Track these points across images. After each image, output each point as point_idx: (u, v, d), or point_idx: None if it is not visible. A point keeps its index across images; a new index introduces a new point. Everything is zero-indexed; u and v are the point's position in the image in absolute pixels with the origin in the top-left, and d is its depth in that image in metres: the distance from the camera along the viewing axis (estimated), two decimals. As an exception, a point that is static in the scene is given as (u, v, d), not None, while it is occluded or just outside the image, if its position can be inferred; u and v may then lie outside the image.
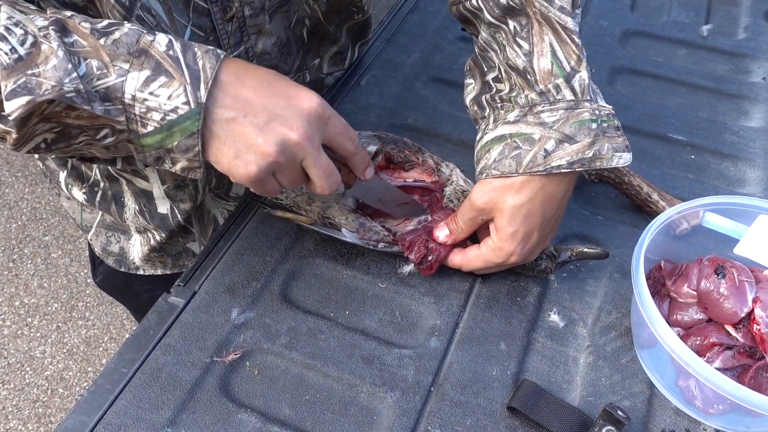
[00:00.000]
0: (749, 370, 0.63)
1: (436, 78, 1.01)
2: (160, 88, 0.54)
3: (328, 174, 0.60)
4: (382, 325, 0.71)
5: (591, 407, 0.65)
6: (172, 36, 0.55)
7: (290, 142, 0.57)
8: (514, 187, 0.65)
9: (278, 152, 0.56)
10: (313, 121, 0.58)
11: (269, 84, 0.57)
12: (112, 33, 0.54)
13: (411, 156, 0.77)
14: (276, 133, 0.56)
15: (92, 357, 1.89)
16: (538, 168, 0.64)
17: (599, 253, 0.72)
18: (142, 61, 0.54)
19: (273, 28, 0.78)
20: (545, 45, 0.65)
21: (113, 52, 0.53)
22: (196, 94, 0.54)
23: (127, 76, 0.53)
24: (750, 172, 0.88)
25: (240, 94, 0.56)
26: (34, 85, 0.51)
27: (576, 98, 0.64)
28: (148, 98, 0.54)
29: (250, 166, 0.57)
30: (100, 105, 0.53)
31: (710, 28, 1.11)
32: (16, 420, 1.75)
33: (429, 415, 0.64)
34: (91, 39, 0.53)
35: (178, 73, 0.54)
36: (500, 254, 0.68)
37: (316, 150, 0.58)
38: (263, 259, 0.75)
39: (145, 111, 0.54)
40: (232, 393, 0.65)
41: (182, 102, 0.54)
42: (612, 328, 0.71)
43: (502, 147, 0.66)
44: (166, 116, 0.54)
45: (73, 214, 0.93)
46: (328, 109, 0.59)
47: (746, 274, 0.66)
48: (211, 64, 0.55)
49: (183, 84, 0.54)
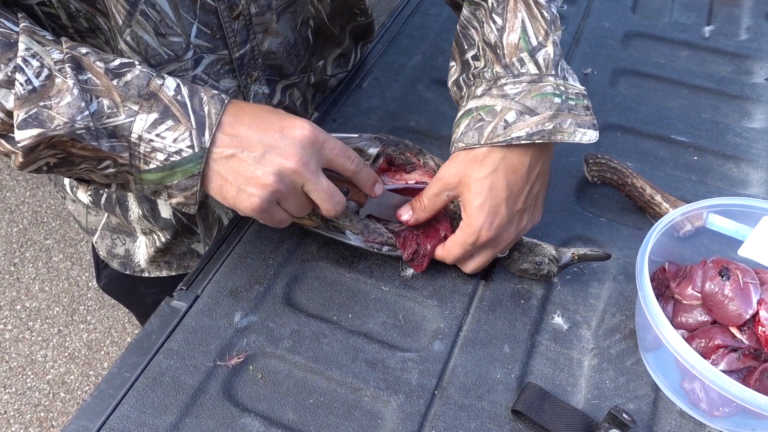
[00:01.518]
0: (754, 372, 0.63)
1: (438, 80, 1.01)
2: (166, 131, 0.57)
3: (330, 196, 0.62)
4: (385, 328, 0.71)
5: (596, 410, 0.64)
6: (180, 80, 0.58)
7: (287, 171, 0.59)
8: (477, 160, 0.66)
9: (277, 181, 0.59)
10: (308, 147, 0.60)
11: (262, 119, 0.60)
12: (124, 75, 0.57)
13: (412, 158, 0.77)
14: (272, 163, 0.58)
15: (94, 361, 1.89)
16: (498, 138, 0.65)
17: (602, 255, 0.72)
18: (151, 104, 0.57)
19: (280, 28, 0.78)
20: (517, 21, 0.66)
21: (124, 93, 0.56)
22: (200, 138, 0.57)
23: (135, 117, 0.56)
24: (753, 174, 0.88)
25: (237, 132, 0.59)
26: (45, 117, 0.54)
27: (540, 72, 0.65)
28: (154, 139, 0.57)
29: (253, 199, 0.59)
30: (107, 141, 0.56)
31: (712, 29, 1.11)
32: (18, 424, 1.75)
33: (433, 418, 0.64)
34: (105, 79, 0.56)
35: (185, 118, 0.57)
36: (471, 231, 0.67)
37: (314, 174, 0.60)
38: (266, 262, 0.75)
39: (150, 150, 0.57)
40: (235, 397, 0.64)
41: (187, 146, 0.57)
42: (616, 331, 0.71)
43: (468, 120, 0.67)
44: (170, 157, 0.57)
45: (78, 216, 0.93)
46: (322, 133, 0.61)
47: (751, 275, 0.66)
48: (216, 110, 0.58)
49: (189, 129, 0.57)
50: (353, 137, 0.76)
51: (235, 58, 0.74)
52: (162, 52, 0.68)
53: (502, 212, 0.67)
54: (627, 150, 0.90)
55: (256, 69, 0.78)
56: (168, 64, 0.69)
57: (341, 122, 0.93)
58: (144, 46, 0.67)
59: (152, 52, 0.68)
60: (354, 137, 0.76)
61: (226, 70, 0.75)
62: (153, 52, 0.68)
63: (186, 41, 0.69)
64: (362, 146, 0.76)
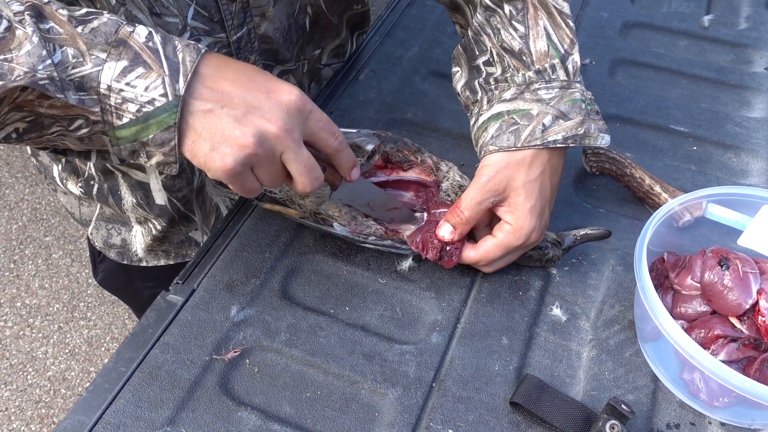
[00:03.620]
0: (754, 362, 0.63)
1: (436, 72, 1.00)
2: (137, 79, 0.52)
3: (309, 169, 0.58)
4: (382, 321, 0.70)
5: (595, 401, 0.64)
6: (152, 28, 0.54)
7: (269, 134, 0.55)
8: (525, 162, 0.66)
9: (256, 144, 0.54)
10: (293, 113, 0.56)
11: (249, 77, 0.56)
12: (90, 21, 0.52)
13: (410, 156, 0.76)
14: (254, 125, 0.54)
15: (94, 357, 1.89)
16: (536, 141, 0.65)
17: (603, 233, 0.73)
18: (120, 51, 0.52)
19: (276, 13, 0.77)
20: (540, 28, 0.67)
21: (90, 40, 0.52)
22: (174, 86, 0.53)
23: (103, 65, 0.52)
24: (753, 163, 0.87)
25: (218, 86, 0.54)
26: (6, 70, 0.49)
27: (569, 79, 0.68)
28: (124, 89, 0.52)
29: (227, 159, 0.55)
30: (74, 94, 0.52)
31: (711, 19, 1.10)
32: (18, 421, 1.75)
33: (431, 411, 0.63)
34: (68, 26, 0.52)
35: (157, 64, 0.53)
36: (521, 234, 0.67)
37: (296, 143, 0.56)
38: (262, 255, 0.75)
39: (121, 102, 0.52)
40: (231, 391, 0.64)
41: (160, 94, 0.52)
42: (615, 322, 0.70)
43: (499, 123, 0.67)
44: (143, 108, 0.52)
45: (71, 208, 0.92)
46: (309, 103, 0.58)
47: (750, 265, 0.66)
48: (192, 57, 0.54)
49: (161, 75, 0.52)
50: (351, 132, 0.76)
51: (232, 41, 0.74)
52: None
53: (546, 213, 0.68)
54: (626, 140, 0.90)
55: (252, 53, 0.78)
56: None
57: (338, 114, 0.93)
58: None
59: None
60: (352, 132, 0.76)
61: (223, 54, 0.75)
62: None
63: (182, 23, 0.69)
64: (360, 142, 0.76)
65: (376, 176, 0.75)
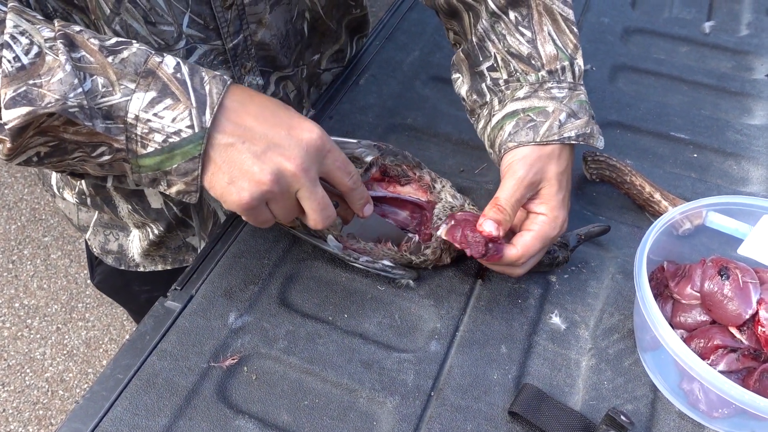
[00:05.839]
0: (754, 372, 0.62)
1: (436, 77, 1.00)
2: (164, 110, 0.53)
3: (323, 208, 0.60)
4: (381, 328, 0.70)
5: (593, 411, 0.64)
6: (180, 59, 0.56)
7: (286, 173, 0.56)
8: (554, 155, 0.67)
9: (273, 181, 0.56)
10: (312, 153, 0.57)
11: (272, 113, 0.57)
12: (120, 52, 0.54)
13: (408, 171, 0.76)
14: (272, 162, 0.56)
15: (92, 358, 1.88)
16: (554, 137, 0.67)
17: (603, 229, 0.75)
18: (149, 82, 0.53)
19: (273, 20, 0.77)
20: (545, 34, 0.69)
21: (120, 70, 0.53)
22: (201, 118, 0.54)
23: (132, 95, 0.53)
24: (753, 171, 0.87)
25: (241, 121, 0.56)
26: (36, 96, 0.50)
27: (575, 81, 0.70)
28: (151, 119, 0.53)
29: (243, 193, 0.56)
30: (102, 122, 0.53)
31: (712, 25, 1.10)
32: (16, 422, 1.75)
33: (429, 420, 0.63)
34: (99, 56, 0.53)
35: (185, 96, 0.54)
36: (556, 224, 0.67)
37: (312, 182, 0.58)
38: (261, 262, 0.74)
39: (147, 132, 0.54)
40: (229, 399, 0.64)
41: (186, 125, 0.54)
42: (614, 331, 0.70)
43: (515, 121, 0.69)
44: (169, 138, 0.54)
45: (69, 214, 0.92)
46: (329, 142, 0.59)
47: (750, 275, 0.65)
48: (218, 89, 0.55)
49: (189, 108, 0.54)
50: (352, 142, 0.75)
51: (228, 48, 0.74)
52: (152, 41, 0.68)
53: (569, 204, 0.70)
54: (626, 147, 0.89)
55: (249, 60, 0.78)
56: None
57: (337, 119, 0.92)
58: (133, 35, 0.66)
59: (142, 41, 0.67)
60: (353, 143, 0.75)
61: (220, 61, 0.75)
62: (143, 41, 0.67)
63: (177, 30, 0.68)
64: (359, 153, 0.75)
65: (373, 189, 0.75)
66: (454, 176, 0.84)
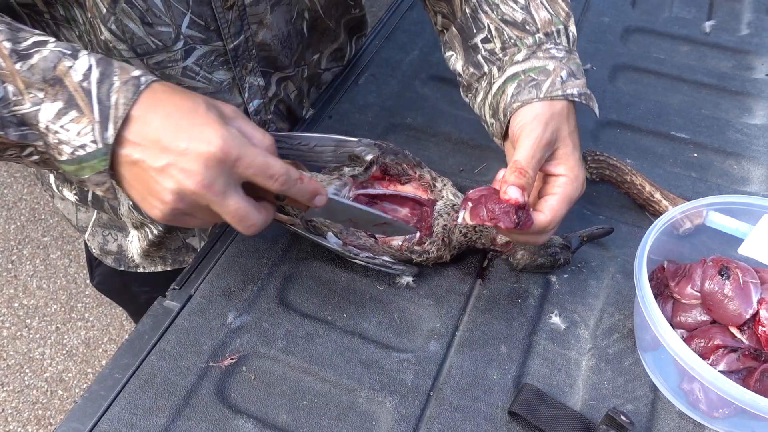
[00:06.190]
0: (754, 372, 0.62)
1: (436, 76, 0.99)
2: (70, 123, 0.51)
3: (239, 219, 0.55)
4: (380, 328, 0.70)
5: (593, 411, 0.63)
6: (95, 59, 0.53)
7: (186, 191, 0.52)
8: (564, 114, 0.66)
9: (176, 200, 0.53)
10: (213, 166, 0.52)
11: (175, 122, 0.52)
12: (31, 56, 0.52)
13: (409, 170, 0.76)
14: (172, 179, 0.52)
15: (92, 358, 1.88)
16: (557, 92, 0.66)
17: (606, 230, 0.74)
18: (56, 91, 0.51)
19: (274, 20, 0.77)
20: (537, 2, 0.70)
21: (28, 78, 0.51)
22: (103, 134, 0.51)
23: (41, 105, 0.51)
24: (754, 170, 0.87)
25: (145, 132, 0.52)
26: None
27: (569, 46, 0.71)
28: (59, 131, 0.52)
29: (155, 211, 0.54)
30: (15, 130, 0.52)
31: (713, 24, 1.10)
32: (15, 422, 1.75)
33: (428, 420, 0.63)
34: (9, 62, 0.51)
35: (89, 108, 0.51)
36: (578, 184, 0.66)
37: (219, 195, 0.53)
38: (260, 261, 0.74)
39: (57, 142, 0.52)
40: (228, 398, 0.64)
41: (90, 140, 0.51)
42: (614, 330, 0.70)
43: (517, 83, 0.68)
44: (76, 152, 0.52)
45: (68, 215, 0.92)
46: (235, 149, 0.52)
47: (751, 274, 0.65)
48: (126, 99, 0.52)
49: (92, 122, 0.51)
50: (352, 141, 0.75)
51: (229, 49, 0.74)
52: (149, 42, 0.67)
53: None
54: (626, 147, 0.89)
55: (250, 60, 0.77)
56: (156, 53, 0.69)
57: (337, 119, 0.92)
58: (129, 35, 0.66)
59: (138, 41, 0.67)
60: (353, 141, 0.75)
61: (221, 62, 0.74)
62: (139, 41, 0.67)
63: (176, 31, 0.68)
64: (360, 152, 0.75)
65: (373, 188, 0.75)
66: (454, 176, 0.83)
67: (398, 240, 0.72)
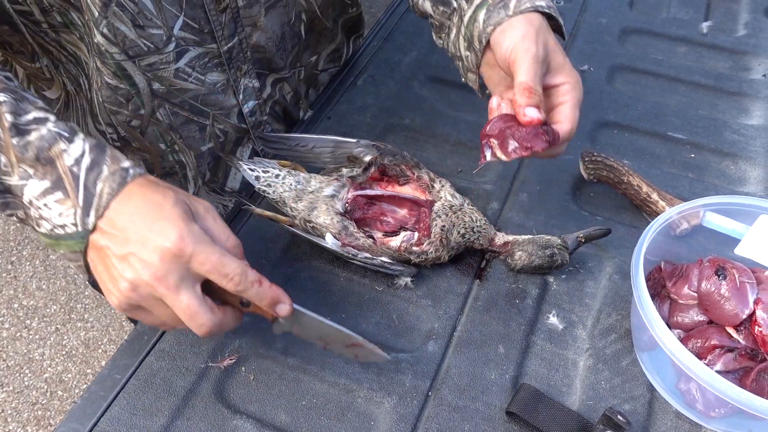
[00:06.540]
0: (751, 372, 0.63)
1: (434, 77, 1.00)
2: (54, 203, 0.54)
3: (190, 316, 0.54)
4: (379, 328, 0.70)
5: (591, 411, 0.64)
6: (89, 145, 0.55)
7: (139, 282, 0.53)
8: (544, 27, 0.66)
9: (130, 290, 0.53)
10: (167, 260, 0.52)
11: (143, 215, 0.54)
12: (28, 133, 0.54)
13: (407, 170, 0.76)
14: (130, 269, 0.53)
15: (91, 359, 1.88)
16: (526, 6, 0.66)
17: (604, 231, 0.73)
18: (45, 171, 0.54)
19: (269, 22, 0.77)
20: None
21: (21, 154, 0.53)
22: (84, 219, 0.53)
23: (28, 181, 0.54)
24: (751, 171, 0.87)
25: (115, 223, 0.54)
26: None
27: None
28: (41, 208, 0.54)
29: (112, 297, 0.55)
30: (0, 197, 0.55)
31: (710, 25, 1.10)
32: (15, 423, 1.75)
33: (426, 420, 0.63)
34: (7, 135, 0.53)
35: (74, 193, 0.54)
36: (580, 87, 0.67)
37: (172, 290, 0.53)
38: (258, 262, 0.74)
39: (38, 217, 0.54)
40: (227, 399, 0.64)
41: (71, 222, 0.54)
42: (612, 331, 0.70)
43: (486, 8, 0.67)
44: (55, 229, 0.54)
45: None
46: (191, 245, 0.53)
47: (747, 275, 0.66)
48: (110, 189, 0.54)
49: (75, 207, 0.53)
50: (351, 142, 0.76)
51: (223, 51, 0.74)
52: (141, 44, 0.68)
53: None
54: (623, 147, 0.89)
55: (245, 62, 0.78)
56: (147, 55, 0.69)
57: (335, 120, 0.92)
58: (121, 38, 0.66)
59: (130, 44, 0.67)
60: (351, 142, 0.76)
61: (215, 64, 0.75)
62: (131, 44, 0.67)
63: (167, 34, 0.68)
64: (358, 153, 0.76)
65: (372, 189, 0.75)
66: (452, 177, 0.84)
67: (397, 241, 0.73)
